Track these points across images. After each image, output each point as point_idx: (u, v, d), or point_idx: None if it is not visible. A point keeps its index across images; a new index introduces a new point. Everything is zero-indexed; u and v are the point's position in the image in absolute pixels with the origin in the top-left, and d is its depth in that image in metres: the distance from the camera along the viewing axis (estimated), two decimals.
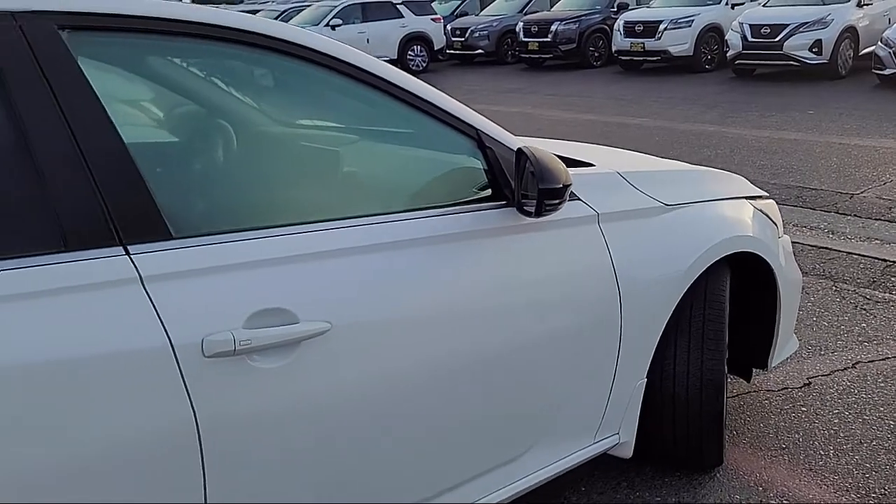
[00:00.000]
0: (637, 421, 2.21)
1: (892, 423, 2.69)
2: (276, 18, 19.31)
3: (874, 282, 3.99)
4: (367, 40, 16.52)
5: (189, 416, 1.35)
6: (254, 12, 21.82)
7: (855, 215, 5.29)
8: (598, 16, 16.25)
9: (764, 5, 13.63)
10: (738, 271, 2.48)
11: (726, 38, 13.45)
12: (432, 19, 17.71)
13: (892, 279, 4.03)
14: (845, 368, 3.11)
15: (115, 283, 1.31)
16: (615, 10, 16.34)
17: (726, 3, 14.65)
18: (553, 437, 2.04)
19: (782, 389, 2.98)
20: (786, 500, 2.32)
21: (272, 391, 1.44)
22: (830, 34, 12.27)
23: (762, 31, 12.61)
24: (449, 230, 1.75)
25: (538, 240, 1.91)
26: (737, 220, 2.40)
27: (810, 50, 12.28)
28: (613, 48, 14.97)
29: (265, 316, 1.44)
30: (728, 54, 13.20)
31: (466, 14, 20.34)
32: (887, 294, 3.83)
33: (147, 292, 1.33)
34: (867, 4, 12.96)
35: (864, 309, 3.67)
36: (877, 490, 2.34)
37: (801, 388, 2.98)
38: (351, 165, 1.81)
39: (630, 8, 16.15)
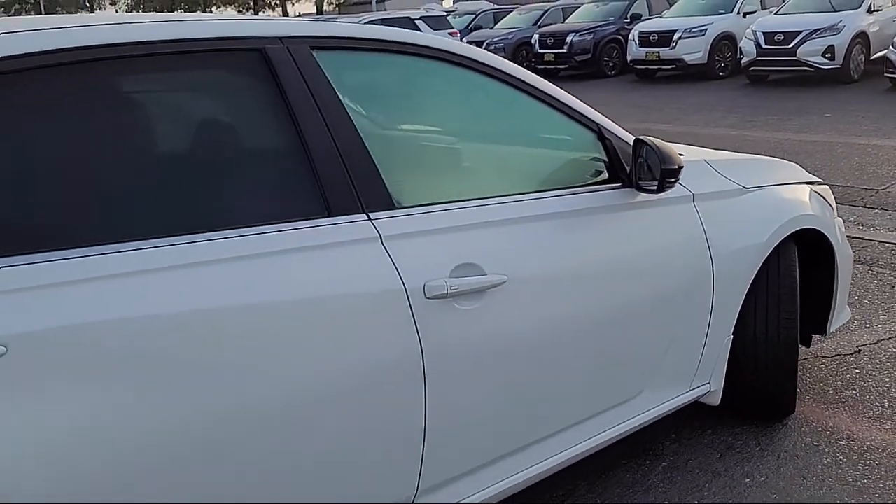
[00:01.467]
0: (724, 372, 2.60)
1: None
2: None
3: None
4: None
5: (417, 345, 1.74)
6: None
7: (882, 209, 5.67)
8: (612, 27, 16.70)
9: (776, 13, 14.06)
10: (800, 247, 2.87)
11: (740, 45, 13.86)
12: (449, 34, 18.15)
13: None
14: (890, 338, 3.49)
15: (363, 241, 1.71)
16: (628, 20, 16.80)
17: (738, 12, 15.08)
18: (658, 384, 2.42)
19: (835, 356, 3.36)
20: (851, 441, 2.70)
21: (469, 329, 1.84)
22: (842, 40, 12.67)
23: (776, 38, 13.02)
24: (583, 206, 2.15)
25: (648, 215, 2.31)
26: (802, 201, 2.79)
27: (823, 55, 12.68)
28: (629, 57, 15.39)
29: (463, 268, 1.84)
30: (742, 61, 13.61)
31: (481, 28, 20.86)
32: None
33: (385, 248, 1.73)
34: (877, 10, 13.37)
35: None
36: None
37: (852, 354, 3.36)
38: (511, 153, 2.22)
39: (643, 18, 16.60)
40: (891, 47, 12.10)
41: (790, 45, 12.84)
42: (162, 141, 1.63)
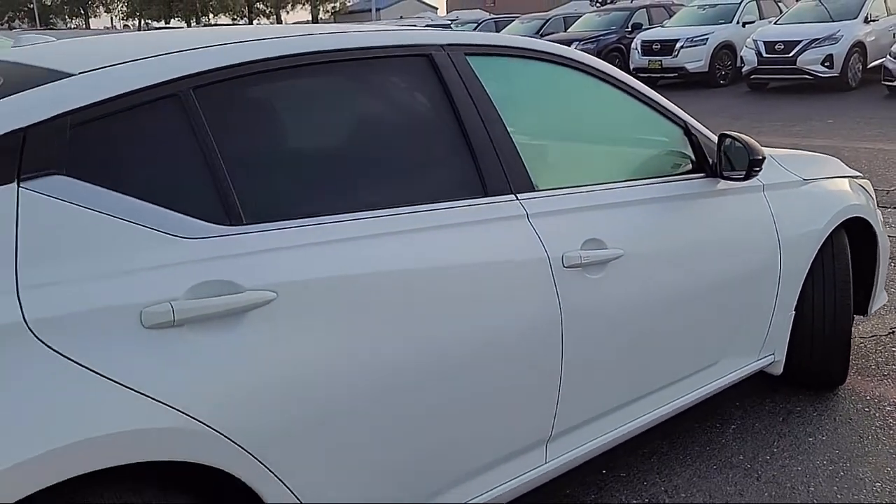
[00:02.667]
0: (787, 344, 2.91)
1: None
2: None
3: None
4: None
5: (557, 306, 2.04)
6: None
7: (894, 207, 6.02)
8: (613, 36, 17.09)
9: (775, 23, 14.48)
10: (847, 234, 3.18)
11: (741, 54, 14.27)
12: None
13: None
14: None
15: (514, 218, 2.01)
16: (629, 30, 17.20)
17: (738, 22, 15.49)
18: (733, 353, 2.72)
19: (872, 336, 3.67)
20: (889, 407, 3.01)
21: (594, 295, 2.13)
22: (841, 49, 13.10)
23: (776, 47, 13.43)
24: (677, 192, 2.46)
25: (728, 202, 2.62)
26: (850, 192, 3.10)
27: (822, 64, 13.10)
28: (631, 66, 15.76)
29: (590, 243, 2.13)
30: (743, 70, 14.01)
31: None
32: None
33: (531, 223, 2.03)
34: (873, 20, 13.80)
35: None
36: None
37: (887, 335, 3.68)
38: (618, 145, 2.53)
39: (644, 28, 17.01)
40: (888, 56, 12.54)
41: (790, 54, 13.26)
42: (367, 132, 1.93)
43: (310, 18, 58.21)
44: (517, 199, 2.04)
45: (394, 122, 1.98)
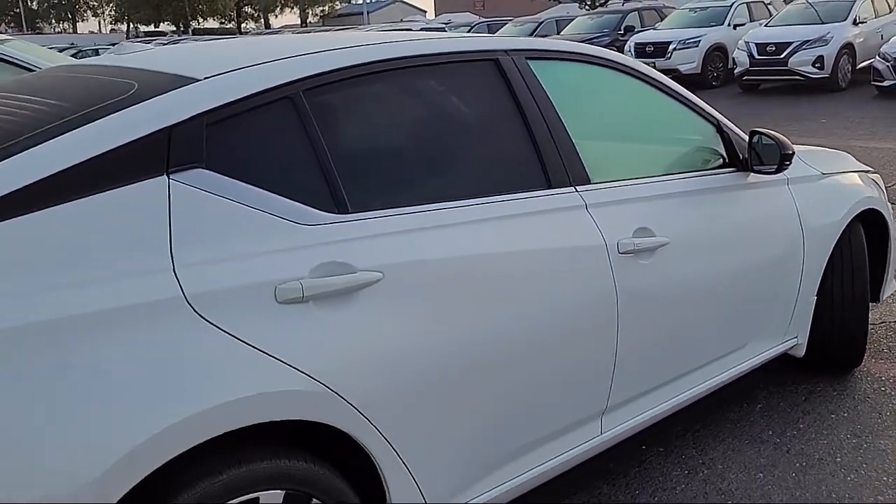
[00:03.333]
0: (809, 328, 3.11)
1: None
2: None
3: None
4: None
5: (613, 289, 2.22)
6: None
7: (891, 202, 6.25)
8: (607, 38, 17.32)
9: (766, 25, 14.77)
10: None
11: (733, 56, 14.55)
12: None
13: None
14: None
15: (574, 208, 2.20)
16: (622, 32, 17.46)
17: (729, 25, 15.79)
18: (760, 335, 2.92)
19: (882, 323, 3.88)
20: None
21: (645, 279, 2.32)
22: (831, 50, 13.39)
23: (768, 48, 13.71)
24: (713, 185, 2.65)
25: (757, 195, 2.81)
26: (865, 185, 3.31)
27: (813, 65, 13.38)
28: None
29: (641, 231, 2.32)
30: (736, 71, 14.29)
31: None
32: None
33: (589, 213, 2.22)
34: (862, 22, 14.11)
35: None
36: None
37: (894, 322, 3.89)
38: (659, 142, 2.72)
39: (637, 30, 17.27)
40: (877, 57, 12.84)
41: (782, 56, 13.54)
42: (448, 129, 2.11)
43: (299, 22, 58.32)
44: (576, 190, 2.23)
45: (470, 120, 2.17)
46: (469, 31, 22.16)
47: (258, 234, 1.63)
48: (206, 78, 1.73)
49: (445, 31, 19.22)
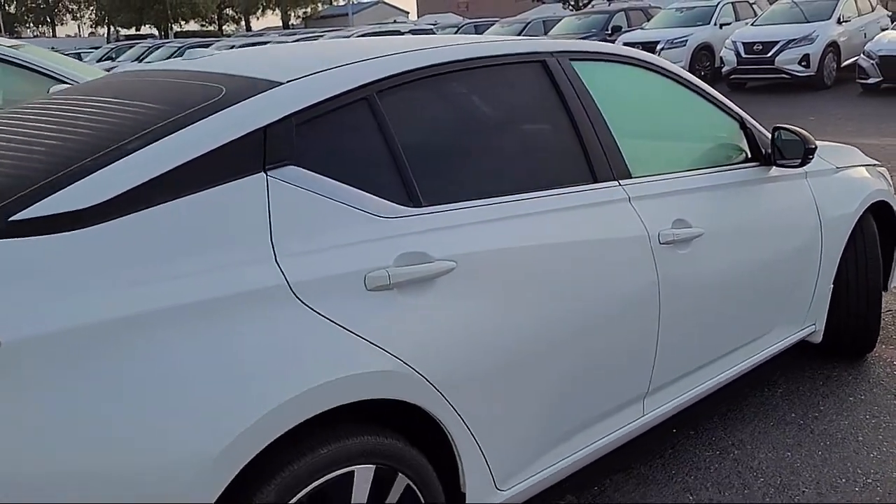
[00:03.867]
0: (826, 316, 3.25)
1: None
2: None
3: None
4: None
5: (655, 278, 2.35)
6: (261, 44, 22.62)
7: None
8: (595, 38, 17.44)
9: (753, 24, 15.01)
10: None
11: (721, 55, 14.78)
12: None
13: None
14: None
15: (619, 200, 2.32)
16: (609, 32, 17.64)
17: (715, 24, 16.02)
18: (783, 322, 3.06)
19: (888, 311, 4.04)
20: None
21: (682, 268, 2.44)
22: (816, 49, 13.66)
23: (755, 47, 13.95)
24: (740, 179, 2.79)
25: (779, 187, 2.95)
26: (874, 178, 3.47)
27: (799, 63, 13.64)
28: None
29: (678, 223, 2.45)
30: (723, 70, 14.52)
31: None
32: None
33: (633, 205, 2.34)
34: (846, 21, 14.39)
35: None
36: None
37: None
38: (690, 138, 2.85)
39: (624, 30, 17.47)
40: (861, 55, 13.10)
41: (769, 54, 13.78)
42: (505, 127, 2.22)
43: (280, 24, 58.16)
44: (620, 184, 2.35)
45: (523, 118, 2.28)
46: (456, 32, 22.28)
47: (345, 226, 1.74)
48: (288, 81, 1.83)
49: (434, 31, 19.33)
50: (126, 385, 1.40)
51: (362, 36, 18.16)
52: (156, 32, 49.69)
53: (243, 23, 60.13)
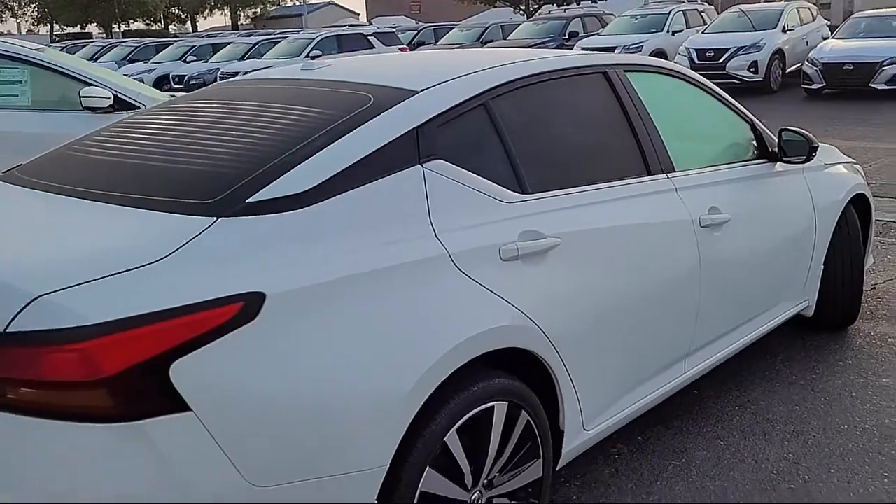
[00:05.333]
0: (817, 292, 3.75)
1: None
2: (248, 51, 20.37)
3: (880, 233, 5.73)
4: None
5: (697, 256, 2.79)
6: (223, 45, 22.43)
7: None
8: (553, 43, 18.08)
9: (704, 32, 15.79)
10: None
11: (675, 60, 15.49)
12: (400, 49, 19.19)
13: (893, 232, 5.77)
14: (892, 279, 4.77)
15: (669, 190, 2.76)
16: (567, 38, 18.28)
17: (668, 31, 16.77)
18: (786, 296, 3.55)
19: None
20: (889, 338, 3.90)
21: (716, 248, 2.89)
22: (764, 56, 14.48)
23: (707, 54, 14.71)
24: (755, 173, 3.26)
25: (783, 181, 3.44)
26: (855, 173, 4.00)
27: (748, 69, 14.43)
28: None
29: (712, 209, 2.90)
30: None
31: (423, 44, 21.97)
32: (889, 240, 5.57)
33: (679, 195, 2.78)
34: (790, 30, 15.27)
35: (884, 248, 5.37)
36: None
37: (869, 290, 4.59)
38: (714, 138, 3.31)
39: (581, 36, 18.11)
40: (806, 62, 13.94)
41: (720, 61, 14.56)
42: (583, 127, 2.64)
43: (229, 24, 57.60)
44: (668, 177, 2.79)
45: (595, 119, 2.71)
46: (415, 36, 22.68)
47: (479, 208, 2.13)
48: (422, 90, 2.22)
49: (398, 35, 19.67)
50: (348, 328, 1.76)
51: (332, 36, 18.43)
52: (94, 31, 48.74)
53: (189, 23, 59.34)
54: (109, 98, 5.35)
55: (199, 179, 1.92)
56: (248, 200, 1.79)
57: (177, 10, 57.29)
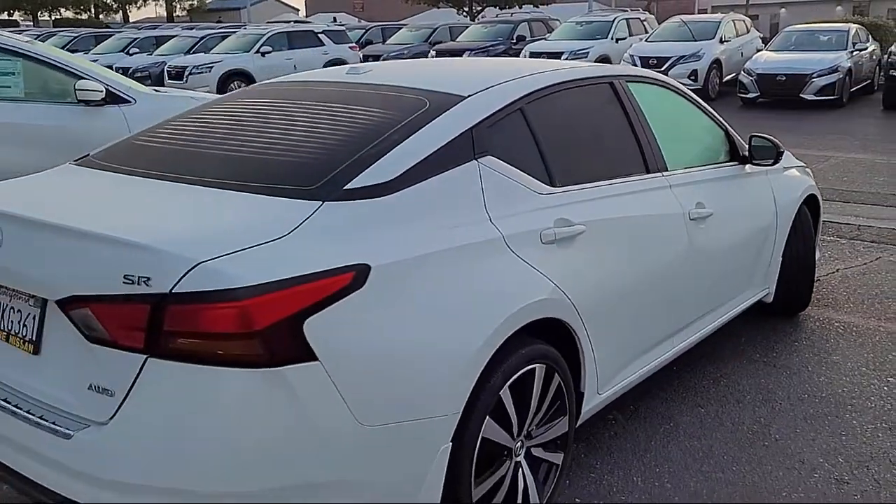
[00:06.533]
0: (776, 281, 4.23)
1: (877, 288, 4.90)
2: (195, 45, 20.22)
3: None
4: (294, 66, 17.89)
5: (688, 244, 3.20)
6: (167, 38, 22.12)
7: None
8: (502, 46, 18.60)
9: (647, 41, 16.50)
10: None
11: None
12: (350, 47, 19.37)
13: (830, 230, 6.37)
14: (836, 271, 5.32)
15: (664, 187, 3.15)
16: (514, 41, 18.79)
17: (612, 38, 17.44)
18: (748, 285, 4.00)
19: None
20: (837, 323, 4.41)
21: (700, 238, 3.31)
22: (703, 65, 15.25)
23: (650, 62, 15.37)
24: (729, 174, 3.70)
25: (751, 181, 3.89)
26: (807, 175, 4.50)
27: (689, 77, 15.16)
28: None
29: (699, 205, 3.31)
30: None
31: (371, 42, 22.19)
32: (827, 237, 6.16)
33: (672, 191, 3.18)
34: (727, 41, 16.09)
35: (824, 245, 5.94)
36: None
37: (817, 280, 5.13)
38: (694, 142, 3.73)
39: (529, 40, 18.64)
40: (742, 72, 14.75)
41: (663, 69, 15.21)
42: (599, 130, 3.01)
43: (164, 15, 56.42)
44: (663, 175, 3.19)
45: (606, 123, 3.08)
46: (362, 36, 22.85)
47: (522, 198, 2.47)
48: (468, 96, 2.55)
49: (345, 32, 19.82)
50: (431, 296, 2.09)
51: (283, 33, 18.48)
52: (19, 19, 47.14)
53: (121, 13, 57.85)
54: (102, 91, 5.49)
55: (297, 169, 2.21)
56: (345, 188, 2.09)
57: (108, 0, 55.76)
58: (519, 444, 2.42)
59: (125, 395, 1.81)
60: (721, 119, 3.86)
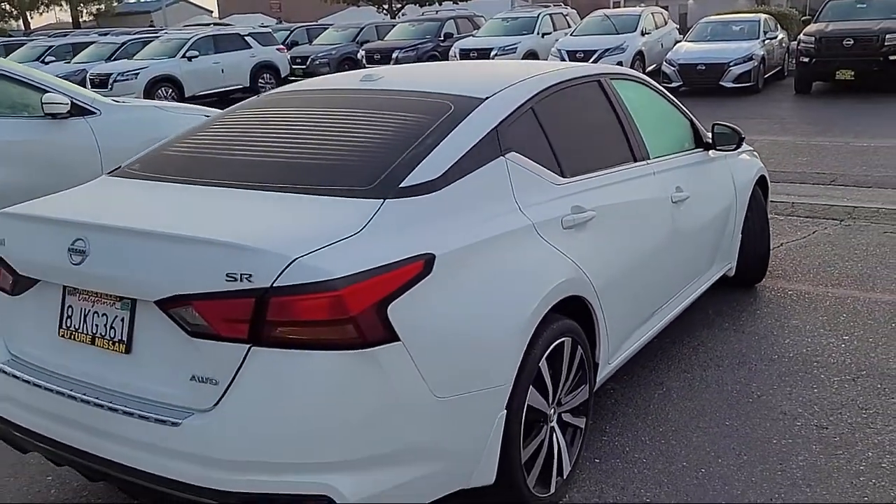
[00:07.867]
0: (737, 256, 4.62)
1: (819, 259, 5.37)
2: (116, 51, 19.74)
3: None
4: (222, 70, 17.73)
5: (671, 227, 3.52)
6: (84, 45, 21.49)
7: None
8: (430, 44, 18.86)
9: (572, 35, 17.03)
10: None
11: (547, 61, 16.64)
12: (277, 49, 19.26)
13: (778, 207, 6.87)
14: (782, 244, 5.78)
15: (650, 174, 3.47)
16: (442, 39, 19.07)
17: (538, 33, 17.92)
18: (719, 259, 4.37)
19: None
20: (790, 291, 4.85)
21: (681, 219, 3.64)
22: (627, 57, 15.85)
23: (577, 55, 15.89)
24: (697, 160, 4.05)
25: (714, 165, 4.25)
26: (755, 158, 4.91)
27: None
28: None
29: (678, 189, 3.64)
30: None
31: (297, 44, 22.10)
32: (777, 215, 6.65)
33: (656, 177, 3.50)
34: (647, 33, 16.76)
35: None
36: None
37: (773, 249, 5.56)
38: (667, 132, 4.05)
39: (455, 37, 18.95)
40: (665, 63, 15.40)
41: (589, 62, 15.77)
42: (594, 124, 3.29)
43: (69, 21, 54.44)
44: (647, 163, 3.50)
45: (600, 118, 3.36)
46: (287, 37, 22.72)
47: (542, 189, 2.73)
48: (487, 98, 2.79)
49: (271, 34, 19.70)
50: (483, 279, 2.32)
51: (209, 36, 18.24)
52: None
53: (21, 21, 55.52)
54: (67, 104, 5.50)
55: (351, 171, 2.41)
56: (400, 186, 2.30)
57: (6, 6, 53.43)
58: (552, 410, 2.69)
59: (229, 382, 1.99)
60: (686, 109, 4.21)
